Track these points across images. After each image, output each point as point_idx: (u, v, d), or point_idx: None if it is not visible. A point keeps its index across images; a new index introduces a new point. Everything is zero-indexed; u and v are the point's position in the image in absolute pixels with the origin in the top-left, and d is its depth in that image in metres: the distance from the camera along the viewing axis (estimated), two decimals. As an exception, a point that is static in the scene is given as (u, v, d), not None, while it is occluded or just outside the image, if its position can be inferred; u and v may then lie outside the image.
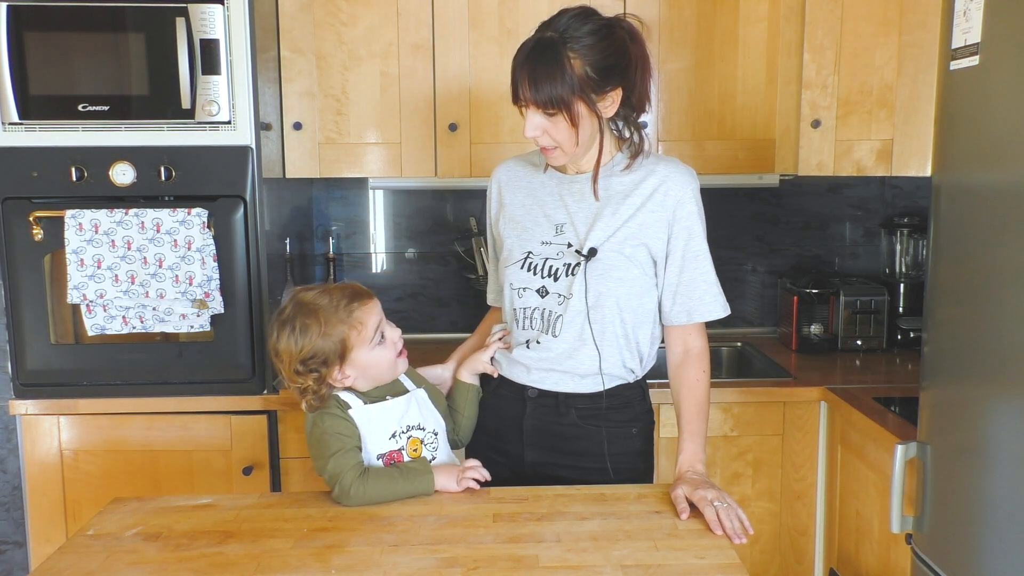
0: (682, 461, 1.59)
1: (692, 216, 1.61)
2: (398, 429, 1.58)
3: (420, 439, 1.61)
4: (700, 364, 1.66)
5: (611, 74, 1.52)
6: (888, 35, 2.23)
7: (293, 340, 1.52)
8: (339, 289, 1.58)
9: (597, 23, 1.52)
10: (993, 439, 1.41)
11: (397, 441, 1.58)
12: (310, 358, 1.52)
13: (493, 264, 1.83)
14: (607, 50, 1.51)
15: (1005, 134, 1.37)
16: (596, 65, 1.50)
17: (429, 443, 1.62)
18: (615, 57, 1.52)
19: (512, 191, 1.72)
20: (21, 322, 2.14)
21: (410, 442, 1.59)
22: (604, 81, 1.51)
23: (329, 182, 2.78)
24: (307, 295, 1.56)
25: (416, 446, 1.60)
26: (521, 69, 1.50)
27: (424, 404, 1.65)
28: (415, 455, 1.60)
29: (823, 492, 2.29)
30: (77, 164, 2.08)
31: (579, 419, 1.66)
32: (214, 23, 2.07)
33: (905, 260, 2.74)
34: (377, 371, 1.59)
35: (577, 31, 1.49)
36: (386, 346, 1.58)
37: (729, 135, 2.45)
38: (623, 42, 1.53)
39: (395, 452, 1.58)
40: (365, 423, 1.55)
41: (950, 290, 1.54)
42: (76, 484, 2.21)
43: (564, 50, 1.48)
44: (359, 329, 1.54)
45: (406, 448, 1.59)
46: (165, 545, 1.38)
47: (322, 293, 1.56)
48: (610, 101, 1.55)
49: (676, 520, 1.44)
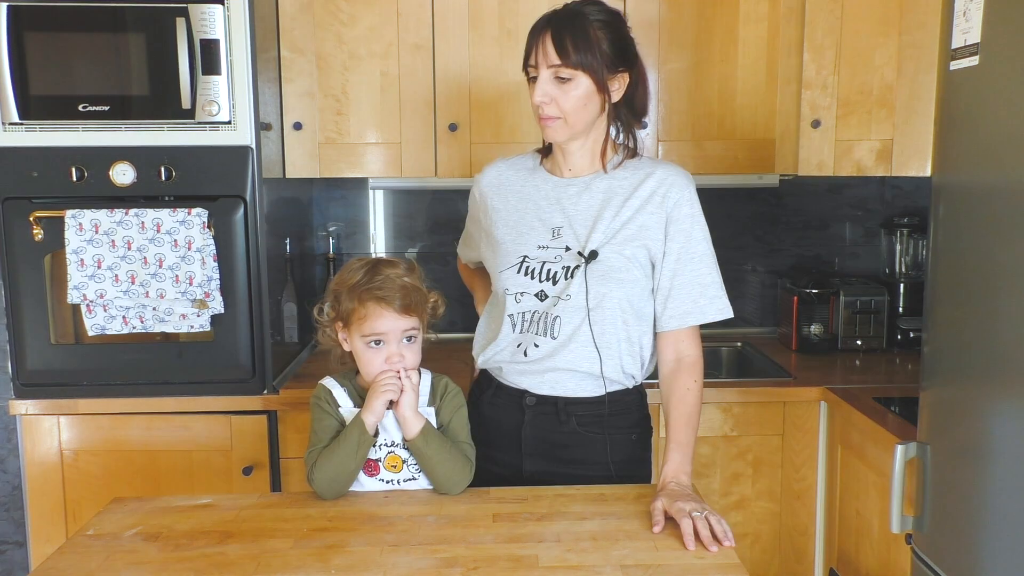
0: (666, 472, 1.56)
1: (689, 219, 1.61)
2: (382, 440, 1.56)
3: (402, 458, 1.57)
4: (692, 374, 1.63)
5: (622, 57, 1.58)
6: (888, 35, 2.23)
7: (338, 275, 1.60)
8: (389, 281, 1.55)
9: (610, 9, 1.59)
10: (993, 439, 1.41)
11: (376, 452, 1.56)
12: (335, 299, 1.57)
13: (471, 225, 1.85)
14: (620, 32, 1.58)
15: (1005, 134, 1.37)
16: (612, 42, 1.56)
17: (412, 464, 1.57)
18: (625, 43, 1.59)
19: (503, 195, 1.71)
20: (21, 322, 2.14)
21: (389, 457, 1.57)
22: (617, 61, 1.57)
23: (329, 182, 2.78)
24: (383, 262, 1.59)
25: (396, 463, 1.57)
26: (543, 30, 1.55)
27: (394, 425, 1.58)
28: (393, 470, 1.57)
29: (823, 492, 2.29)
30: (77, 164, 2.08)
31: (579, 427, 1.65)
32: (214, 23, 2.07)
33: (905, 260, 2.74)
34: (362, 367, 1.58)
35: (595, 12, 1.57)
36: (376, 352, 1.54)
37: (729, 135, 2.45)
38: (629, 35, 1.61)
39: (372, 461, 1.56)
40: None
41: (950, 290, 1.54)
42: (76, 484, 2.21)
43: (588, 19, 1.54)
44: (361, 317, 1.54)
45: (383, 461, 1.57)
46: (165, 545, 1.38)
47: (379, 267, 1.57)
48: (618, 84, 1.59)
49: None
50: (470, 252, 1.89)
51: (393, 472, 1.58)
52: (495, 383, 1.71)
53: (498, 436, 1.70)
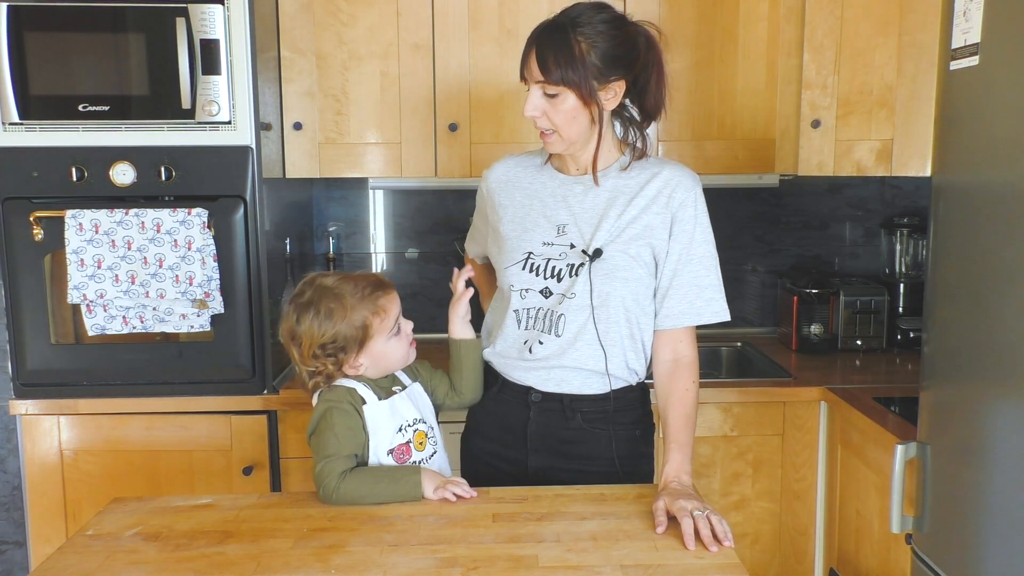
0: (667, 472, 1.56)
1: (693, 220, 1.61)
2: (404, 423, 1.59)
3: (424, 432, 1.63)
4: (690, 374, 1.64)
5: (616, 64, 1.54)
6: (888, 35, 2.23)
7: (316, 323, 1.53)
8: (362, 277, 1.59)
9: (611, 14, 1.56)
10: (993, 439, 1.41)
11: (405, 435, 1.59)
12: (331, 343, 1.53)
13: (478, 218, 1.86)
14: (615, 40, 1.54)
15: (1005, 134, 1.37)
16: (603, 52, 1.53)
17: (431, 437, 1.64)
18: (622, 49, 1.55)
19: (509, 192, 1.72)
20: (21, 322, 2.14)
21: (416, 435, 1.61)
22: (608, 70, 1.54)
23: (329, 182, 2.78)
24: (328, 280, 1.57)
25: (422, 439, 1.62)
26: (529, 46, 1.55)
27: (420, 397, 1.66)
28: (420, 448, 1.61)
29: (823, 492, 2.29)
30: (77, 164, 2.08)
31: (585, 423, 1.65)
32: (214, 23, 2.07)
33: (905, 260, 2.74)
34: (388, 362, 1.60)
35: (590, 19, 1.54)
36: (401, 338, 1.61)
37: (729, 135, 2.45)
38: (633, 37, 1.57)
39: (403, 445, 1.58)
40: (377, 419, 1.56)
41: (950, 290, 1.54)
42: (76, 484, 2.21)
43: (573, 33, 1.52)
44: (382, 317, 1.56)
45: (413, 440, 1.60)
46: (165, 545, 1.38)
47: (344, 279, 1.57)
48: (612, 93, 1.57)
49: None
50: (477, 247, 1.90)
51: (420, 451, 1.61)
52: (500, 379, 1.72)
53: (503, 432, 1.71)
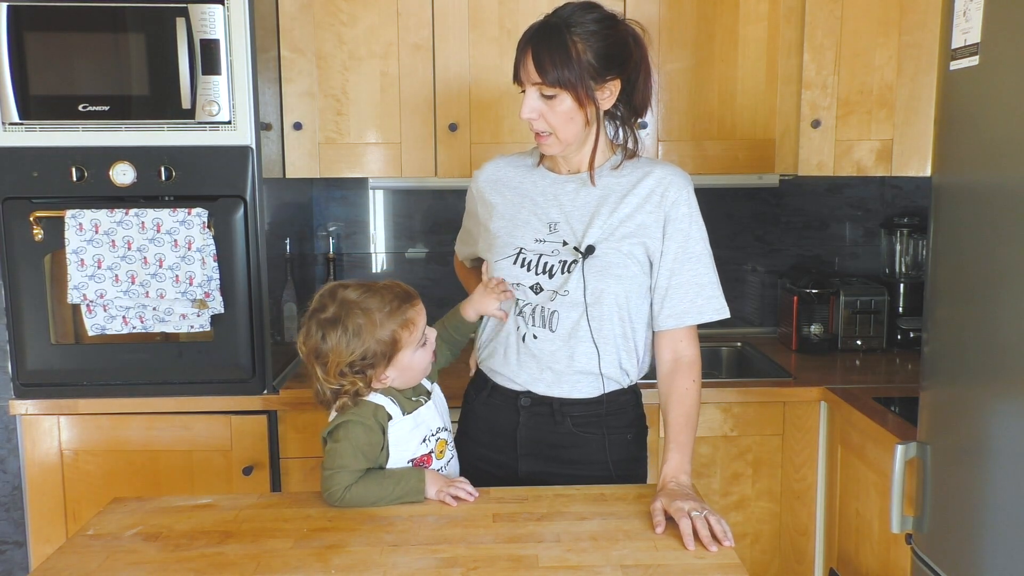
0: (666, 472, 1.56)
1: (688, 218, 1.61)
2: (428, 433, 1.58)
3: (445, 440, 1.62)
4: (690, 374, 1.63)
5: (611, 63, 1.55)
6: (888, 35, 2.23)
7: (344, 341, 1.47)
8: (386, 288, 1.53)
9: (602, 13, 1.56)
10: (993, 439, 1.41)
11: (428, 445, 1.57)
12: (361, 359, 1.48)
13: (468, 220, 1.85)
14: (609, 39, 1.54)
15: (1005, 134, 1.37)
16: (598, 52, 1.53)
17: (451, 443, 1.64)
18: (616, 47, 1.55)
19: (499, 191, 1.72)
20: (21, 322, 2.14)
21: (438, 444, 1.60)
22: (604, 69, 1.54)
23: (329, 182, 2.78)
24: (351, 293, 1.51)
25: (443, 447, 1.61)
26: (524, 48, 1.54)
27: (442, 403, 1.66)
28: (440, 456, 1.60)
29: (823, 492, 2.29)
30: (77, 164, 2.08)
31: (575, 427, 1.65)
32: (214, 23, 2.07)
33: (905, 260, 2.74)
34: (414, 372, 1.56)
35: (582, 18, 1.54)
36: (427, 348, 1.57)
37: (729, 135, 2.45)
38: (625, 36, 1.57)
39: (425, 456, 1.57)
40: (401, 434, 1.53)
41: (950, 290, 1.54)
42: (76, 484, 2.21)
43: (568, 33, 1.52)
44: (411, 330, 1.52)
45: (435, 450, 1.59)
46: (165, 545, 1.38)
47: (368, 292, 1.51)
48: (608, 92, 1.57)
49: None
50: (467, 249, 1.90)
51: (440, 459, 1.60)
52: (490, 384, 1.71)
53: (493, 437, 1.70)
